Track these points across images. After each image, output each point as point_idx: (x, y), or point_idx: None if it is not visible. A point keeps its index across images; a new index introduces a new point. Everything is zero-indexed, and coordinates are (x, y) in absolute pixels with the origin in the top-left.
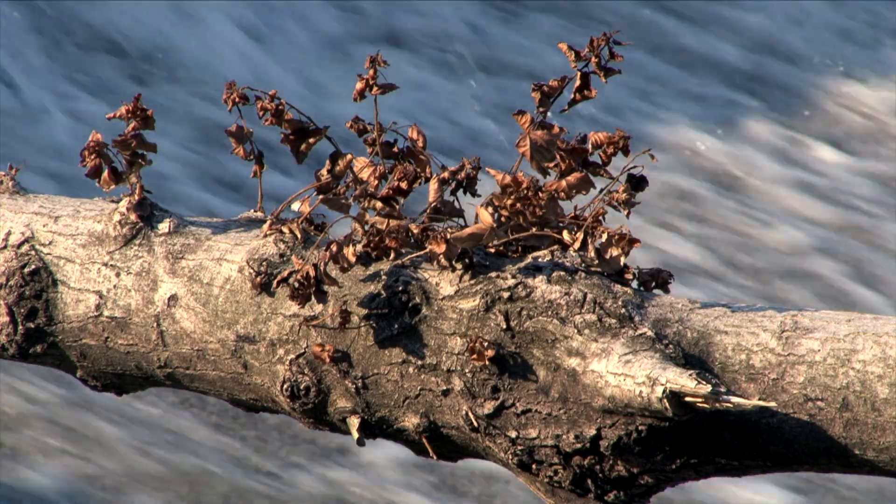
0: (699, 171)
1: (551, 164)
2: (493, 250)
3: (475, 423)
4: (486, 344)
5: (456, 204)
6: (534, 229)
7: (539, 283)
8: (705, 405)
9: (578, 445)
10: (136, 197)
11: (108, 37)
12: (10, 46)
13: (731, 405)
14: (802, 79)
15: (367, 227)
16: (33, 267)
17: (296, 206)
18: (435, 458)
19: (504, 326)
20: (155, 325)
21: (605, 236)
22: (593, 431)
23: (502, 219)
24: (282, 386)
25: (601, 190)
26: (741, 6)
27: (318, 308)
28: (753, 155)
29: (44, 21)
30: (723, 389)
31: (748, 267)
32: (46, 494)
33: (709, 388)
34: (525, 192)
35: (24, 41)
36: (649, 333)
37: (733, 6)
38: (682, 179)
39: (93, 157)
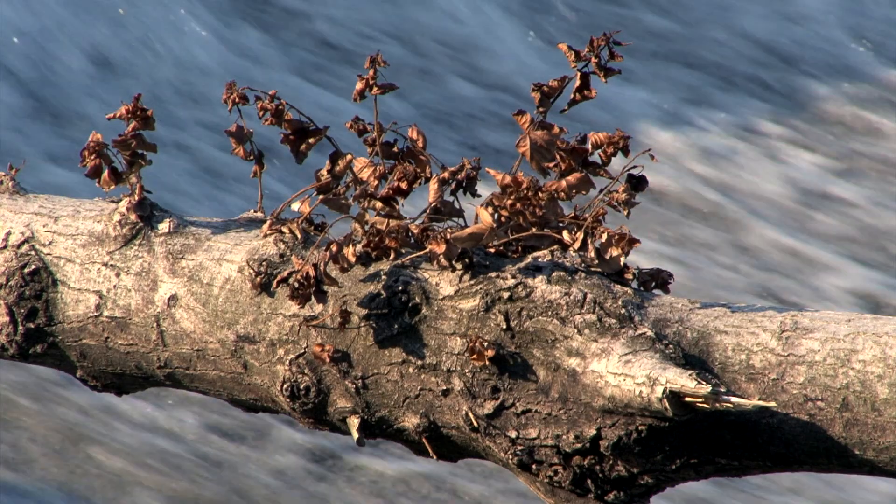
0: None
1: (551, 164)
2: (493, 250)
3: (475, 423)
4: (486, 344)
5: (456, 204)
6: (534, 229)
7: (539, 283)
8: (705, 405)
9: (578, 445)
10: (136, 197)
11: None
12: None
13: (731, 405)
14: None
15: (367, 227)
16: (33, 267)
17: (296, 206)
18: (435, 458)
19: (504, 326)
20: (155, 325)
21: (605, 236)
22: (593, 431)
23: (502, 219)
24: (282, 386)
25: (601, 190)
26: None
27: (318, 308)
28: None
29: None
30: (723, 389)
31: None
32: (43, 491)
33: (709, 388)
34: (525, 192)
35: None
36: (649, 333)
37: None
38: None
39: (93, 157)
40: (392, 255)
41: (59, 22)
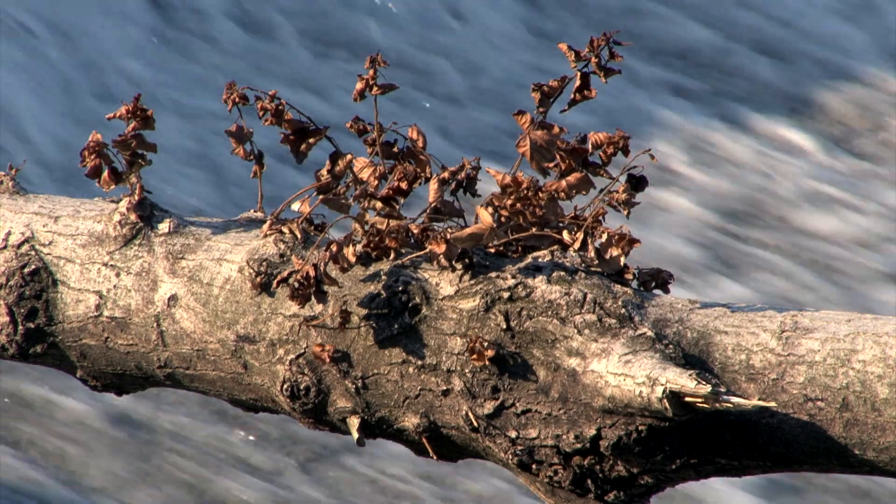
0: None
1: (551, 164)
2: (493, 250)
3: (475, 423)
4: (486, 344)
5: (456, 204)
6: (534, 229)
7: (539, 283)
8: (705, 405)
9: (578, 445)
10: (136, 197)
11: None
12: None
13: (731, 405)
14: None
15: (367, 227)
16: (33, 267)
17: (296, 206)
18: (435, 458)
19: (504, 326)
20: (155, 325)
21: (605, 236)
22: (593, 431)
23: (502, 219)
24: (282, 386)
25: (601, 190)
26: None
27: (318, 308)
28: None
29: None
30: (723, 389)
31: None
32: (43, 489)
33: (709, 388)
34: (525, 192)
35: None
36: (649, 333)
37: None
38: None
39: (93, 157)
40: (392, 255)
41: None
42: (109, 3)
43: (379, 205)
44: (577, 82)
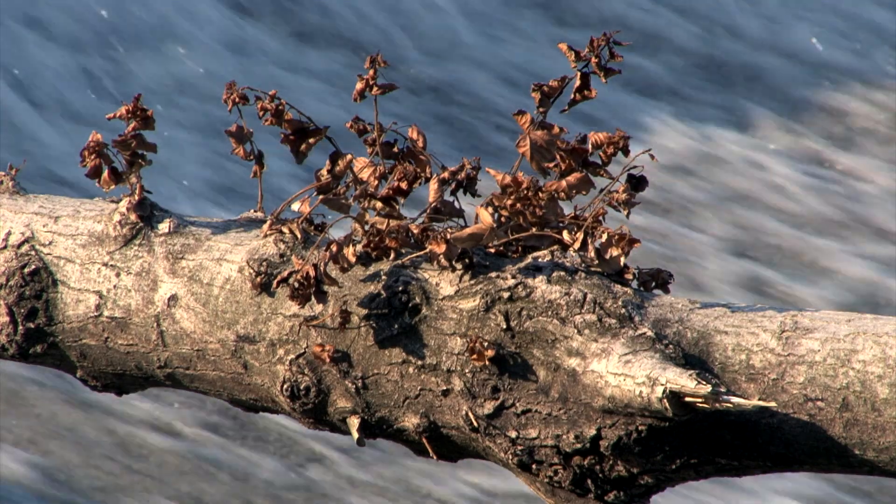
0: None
1: (551, 164)
2: (493, 250)
3: (475, 423)
4: (486, 344)
5: (456, 204)
6: (534, 229)
7: (539, 283)
8: (705, 405)
9: (578, 445)
10: (136, 197)
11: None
12: None
13: (731, 405)
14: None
15: (367, 227)
16: (33, 267)
17: (296, 206)
18: (435, 458)
19: (504, 326)
20: (155, 325)
21: (605, 236)
22: (593, 431)
23: (502, 219)
24: (282, 386)
25: (601, 190)
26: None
27: (318, 308)
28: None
29: None
30: (723, 389)
31: None
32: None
33: (709, 388)
34: (525, 192)
35: None
36: (649, 333)
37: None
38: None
39: (93, 157)
40: (392, 255)
41: None
42: None
43: (379, 205)
44: (577, 82)
